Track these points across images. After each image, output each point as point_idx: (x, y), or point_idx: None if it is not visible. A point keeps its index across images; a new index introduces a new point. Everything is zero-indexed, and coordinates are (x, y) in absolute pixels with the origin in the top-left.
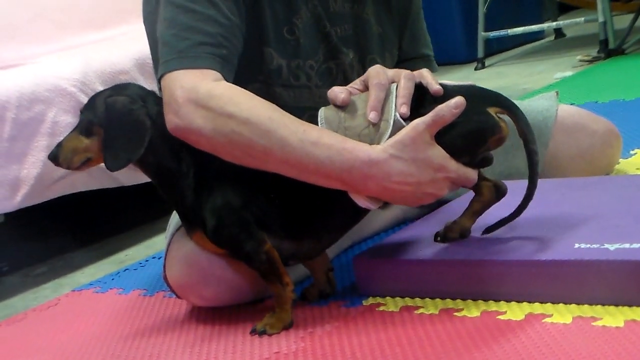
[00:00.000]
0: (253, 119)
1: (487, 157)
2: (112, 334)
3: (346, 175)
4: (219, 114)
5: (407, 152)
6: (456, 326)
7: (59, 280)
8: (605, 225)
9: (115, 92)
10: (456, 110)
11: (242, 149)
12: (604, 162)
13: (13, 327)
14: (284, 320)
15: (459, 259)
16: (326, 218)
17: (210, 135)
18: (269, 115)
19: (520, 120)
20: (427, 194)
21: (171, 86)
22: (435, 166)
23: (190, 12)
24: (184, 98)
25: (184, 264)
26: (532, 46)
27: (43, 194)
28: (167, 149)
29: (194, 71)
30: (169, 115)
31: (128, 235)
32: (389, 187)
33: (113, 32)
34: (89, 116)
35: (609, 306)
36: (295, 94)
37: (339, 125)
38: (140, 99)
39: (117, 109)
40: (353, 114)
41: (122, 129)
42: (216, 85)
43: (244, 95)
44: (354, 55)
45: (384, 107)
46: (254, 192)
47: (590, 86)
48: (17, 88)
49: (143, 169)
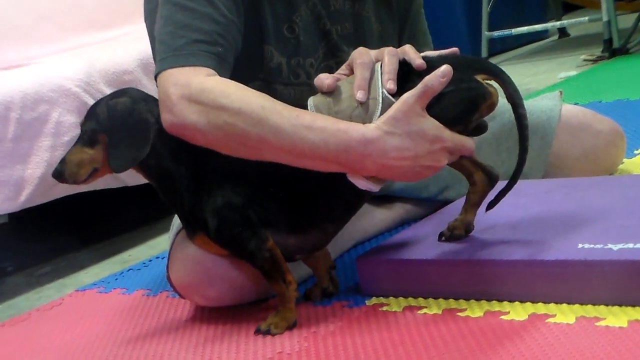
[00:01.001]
0: (245, 108)
1: (481, 125)
2: (115, 334)
3: (342, 157)
4: (211, 107)
5: (400, 127)
6: (459, 326)
7: (62, 280)
8: (609, 225)
9: (115, 96)
10: (444, 79)
11: (237, 139)
12: (608, 162)
13: (17, 327)
14: (288, 320)
15: (462, 259)
16: (328, 208)
17: (205, 130)
18: (260, 103)
19: (508, 85)
20: (425, 166)
21: (165, 84)
22: (431, 138)
23: (187, 10)
24: (177, 95)
25: (187, 264)
26: (536, 46)
27: (47, 194)
28: (167, 150)
29: (188, 68)
30: (164, 113)
31: (131, 236)
32: (387, 163)
33: (116, 32)
34: (90, 125)
35: (613, 306)
36: (296, 92)
37: (329, 111)
38: (141, 100)
39: (119, 110)
40: (341, 97)
41: (126, 130)
42: (207, 80)
43: (234, 86)
44: None
45: (371, 86)
46: (254, 190)
47: (595, 86)
48: (21, 88)
49: (144, 172)
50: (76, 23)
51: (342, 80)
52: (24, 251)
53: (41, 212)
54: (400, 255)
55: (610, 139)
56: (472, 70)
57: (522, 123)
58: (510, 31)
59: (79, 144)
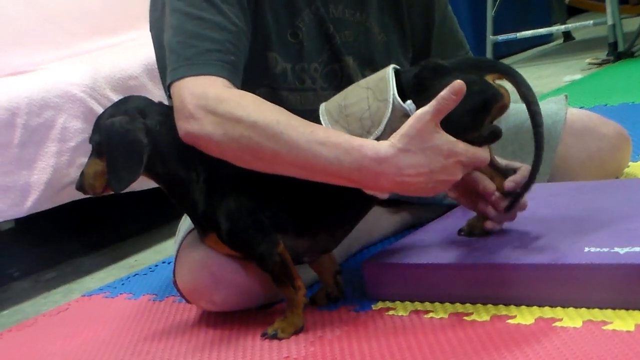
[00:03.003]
0: (260, 122)
1: (496, 131)
2: (122, 339)
3: (356, 175)
4: (227, 119)
5: (414, 144)
6: (466, 330)
7: (69, 286)
8: (615, 228)
9: (115, 109)
10: (456, 97)
11: (251, 153)
12: (613, 166)
13: (23, 332)
14: (296, 325)
15: (469, 263)
16: (338, 211)
17: (220, 141)
18: (276, 118)
19: (520, 84)
20: (440, 181)
21: (181, 93)
22: (445, 152)
23: (197, 20)
24: (193, 104)
25: (193, 268)
26: (541, 49)
27: (53, 199)
28: (175, 157)
29: (203, 78)
30: (179, 122)
31: (137, 240)
32: (402, 180)
33: (122, 38)
34: (96, 138)
35: (620, 310)
36: (301, 97)
37: (340, 114)
38: (140, 114)
39: (115, 131)
40: (353, 100)
41: (121, 150)
42: (224, 91)
43: (251, 99)
44: (354, 62)
45: (381, 86)
46: (265, 193)
47: (600, 89)
48: (27, 94)
49: (153, 178)
50: (82, 29)
51: (354, 85)
52: (30, 256)
53: (47, 218)
54: (406, 259)
55: (615, 142)
56: (483, 71)
57: (537, 121)
58: (515, 35)
59: (94, 156)
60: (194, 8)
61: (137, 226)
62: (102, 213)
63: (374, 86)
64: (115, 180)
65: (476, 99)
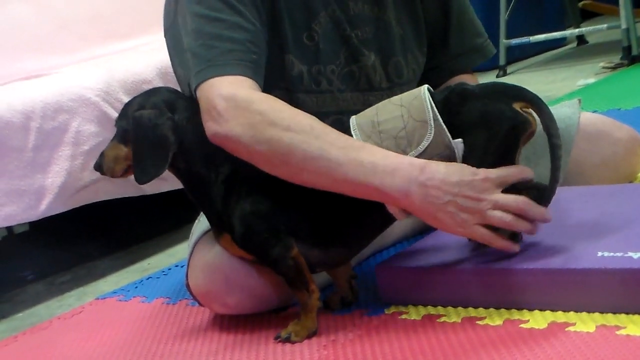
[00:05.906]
0: (294, 126)
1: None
2: (136, 342)
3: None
4: (259, 121)
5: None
6: (479, 335)
7: (83, 289)
8: (629, 233)
9: (145, 100)
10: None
11: (281, 156)
12: (627, 170)
13: (38, 335)
14: (309, 328)
15: (482, 267)
16: (355, 226)
17: (249, 142)
18: (309, 123)
19: (545, 114)
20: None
21: (209, 95)
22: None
23: (215, 21)
24: (223, 106)
25: (206, 272)
26: (555, 53)
27: (67, 202)
28: (198, 155)
29: (229, 78)
30: (208, 123)
31: (151, 244)
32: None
33: (136, 42)
34: (123, 125)
35: (633, 315)
36: (318, 100)
37: (373, 129)
38: (169, 108)
39: (143, 124)
40: (387, 117)
41: (147, 144)
42: (253, 93)
43: (282, 103)
44: (376, 58)
45: (416, 104)
46: (283, 199)
47: (614, 93)
48: (42, 98)
49: (174, 173)
50: (96, 33)
51: (386, 100)
52: (45, 259)
53: (61, 221)
54: (419, 263)
55: (629, 146)
56: (510, 99)
57: (556, 154)
58: (528, 39)
59: (116, 140)
60: (210, 10)
61: (151, 230)
62: (115, 216)
63: (408, 104)
64: (140, 172)
65: (505, 126)
